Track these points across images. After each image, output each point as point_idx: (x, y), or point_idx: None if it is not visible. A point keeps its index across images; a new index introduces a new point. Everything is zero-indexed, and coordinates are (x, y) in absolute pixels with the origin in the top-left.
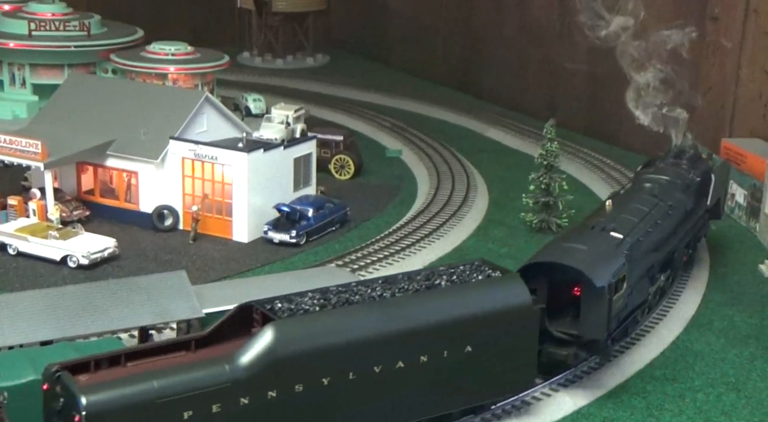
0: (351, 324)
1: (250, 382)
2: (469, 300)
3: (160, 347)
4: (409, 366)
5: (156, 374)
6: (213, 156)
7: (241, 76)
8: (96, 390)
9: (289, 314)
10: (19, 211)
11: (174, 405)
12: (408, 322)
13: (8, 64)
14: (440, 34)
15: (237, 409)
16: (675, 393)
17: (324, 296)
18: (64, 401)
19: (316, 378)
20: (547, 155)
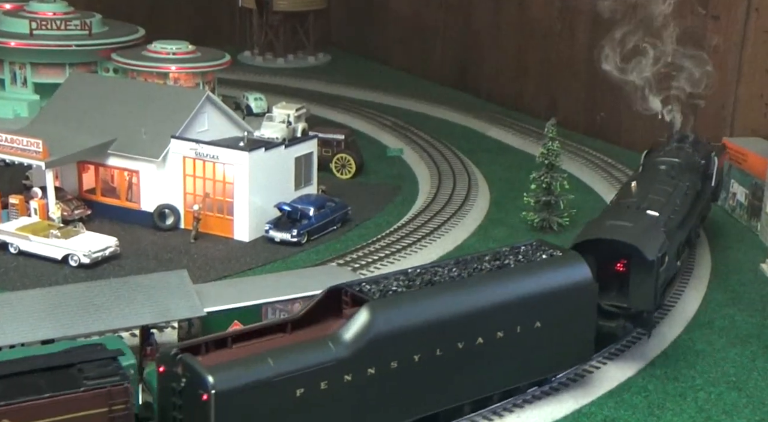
0: (438, 303)
1: (352, 360)
2: (538, 278)
3: (259, 329)
4: (488, 342)
5: (272, 354)
6: (214, 155)
7: (242, 75)
8: (221, 369)
9: (380, 295)
10: (20, 210)
11: (288, 383)
12: (487, 300)
13: (9, 64)
14: (440, 33)
15: (341, 386)
16: (676, 392)
17: (407, 278)
18: (188, 381)
19: (409, 355)
20: (548, 154)
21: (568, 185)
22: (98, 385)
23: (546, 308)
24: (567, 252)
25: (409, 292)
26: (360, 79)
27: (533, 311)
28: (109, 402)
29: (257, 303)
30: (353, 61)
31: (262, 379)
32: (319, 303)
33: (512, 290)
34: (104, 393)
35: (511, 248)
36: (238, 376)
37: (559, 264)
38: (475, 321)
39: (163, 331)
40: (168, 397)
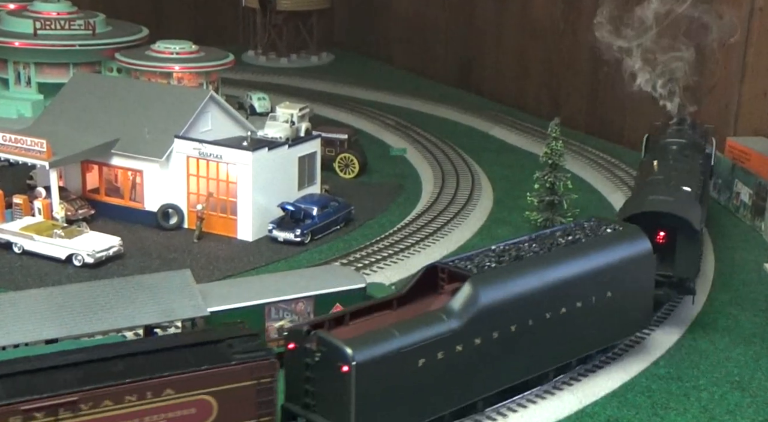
0: (529, 276)
1: (462, 331)
2: (608, 250)
3: (369, 307)
4: (569, 312)
5: (396, 327)
6: (218, 155)
7: (245, 75)
8: (357, 342)
9: (477, 270)
10: (24, 210)
11: (413, 354)
12: (568, 272)
13: (13, 63)
14: (443, 32)
15: (454, 356)
16: (680, 391)
17: (496, 254)
18: (323, 355)
19: (507, 325)
20: (551, 153)
21: (572, 184)
22: (247, 359)
23: (615, 279)
24: (627, 226)
25: (504, 267)
26: (363, 79)
27: (605, 282)
28: (256, 376)
29: (260, 303)
30: (356, 60)
31: (391, 351)
32: (419, 281)
33: (588, 263)
34: (252, 366)
35: (576, 225)
36: (373, 348)
37: (623, 237)
38: (559, 292)
39: (167, 331)
40: (299, 372)
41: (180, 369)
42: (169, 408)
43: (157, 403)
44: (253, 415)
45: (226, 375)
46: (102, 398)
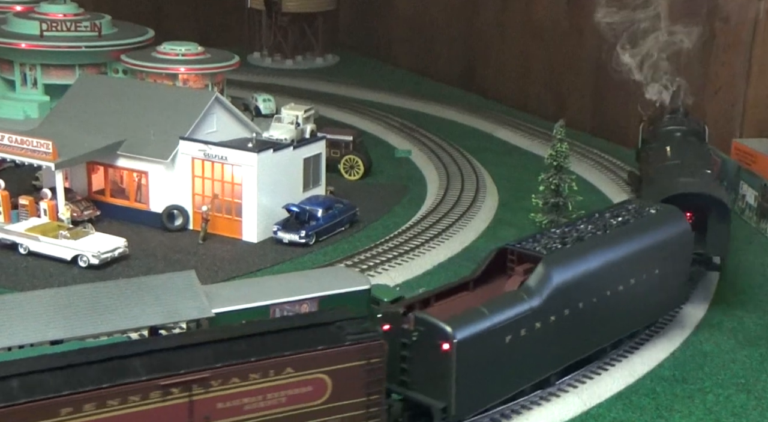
0: (592, 256)
1: (540, 309)
2: (654, 230)
3: (448, 289)
4: (625, 289)
5: (486, 307)
6: (223, 156)
7: (251, 77)
8: (455, 321)
9: (546, 251)
10: (30, 211)
11: (501, 332)
12: (625, 251)
13: (20, 65)
14: (447, 34)
15: (534, 333)
16: (684, 394)
17: (559, 236)
18: (421, 334)
19: (576, 302)
20: (556, 155)
21: (577, 186)
22: (359, 340)
23: (661, 256)
24: (667, 207)
25: (570, 248)
26: (368, 80)
27: (653, 260)
28: (367, 356)
29: (265, 304)
30: (361, 62)
31: (485, 329)
32: (491, 263)
33: (639, 242)
34: (364, 347)
35: (620, 207)
36: (469, 327)
37: (666, 217)
38: (617, 270)
39: (172, 332)
40: (394, 351)
41: (299, 349)
42: (288, 386)
43: (278, 381)
44: (362, 394)
45: (340, 355)
46: (230, 375)
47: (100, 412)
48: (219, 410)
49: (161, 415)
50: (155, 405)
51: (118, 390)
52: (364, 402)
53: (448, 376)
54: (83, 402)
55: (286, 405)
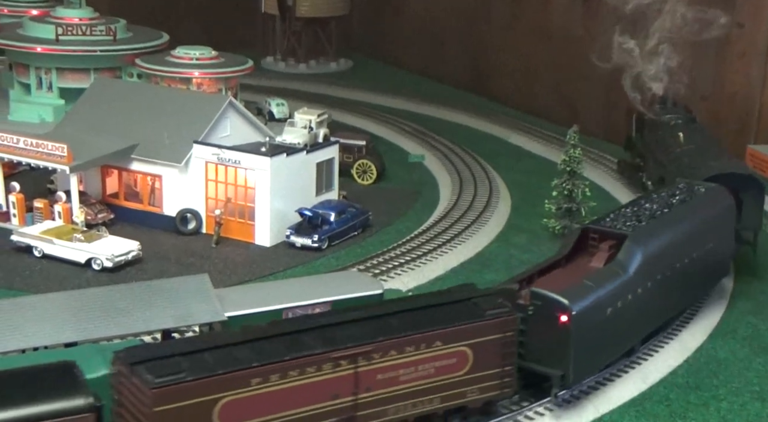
0: (668, 232)
1: (631, 282)
2: (707, 207)
3: (545, 267)
4: (689, 262)
5: (590, 281)
6: (236, 160)
7: (264, 81)
8: (570, 295)
9: (626, 229)
10: (44, 213)
11: (604, 304)
12: (690, 226)
13: (35, 69)
14: (460, 38)
15: (626, 304)
16: (698, 401)
17: (633, 215)
18: (537, 308)
19: (656, 275)
20: (570, 161)
21: (590, 192)
22: (497, 315)
23: (713, 232)
24: (713, 185)
25: (647, 225)
26: (381, 85)
27: (708, 234)
28: (503, 329)
29: (278, 308)
30: (375, 67)
31: (593, 301)
32: (576, 242)
33: (699, 218)
34: (501, 321)
35: (673, 186)
36: (582, 300)
37: (714, 195)
38: (685, 244)
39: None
40: None
41: (447, 324)
42: (436, 358)
43: (428, 354)
44: (498, 365)
45: (480, 329)
46: (389, 348)
47: (283, 382)
48: (378, 381)
49: (331, 385)
50: (327, 376)
51: (298, 362)
52: (498, 373)
53: (566, 346)
54: (270, 373)
55: (434, 376)
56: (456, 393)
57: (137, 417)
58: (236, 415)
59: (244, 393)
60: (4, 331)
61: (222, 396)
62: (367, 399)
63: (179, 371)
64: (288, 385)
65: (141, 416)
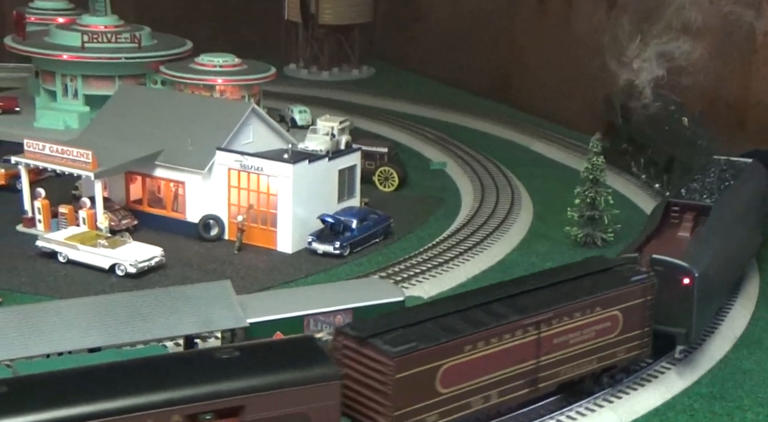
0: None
1: (724, 244)
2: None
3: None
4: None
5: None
6: (259, 167)
7: (287, 88)
8: (690, 259)
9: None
10: (69, 219)
11: (712, 264)
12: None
13: (61, 76)
14: (484, 47)
15: (724, 262)
16: (723, 411)
17: (705, 188)
18: (659, 273)
19: (735, 236)
20: (593, 168)
21: (613, 200)
22: (639, 281)
23: (760, 198)
24: (753, 161)
25: (721, 196)
26: (404, 93)
27: (758, 200)
28: (645, 294)
29: (300, 315)
30: (397, 74)
31: (707, 263)
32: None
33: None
34: (644, 287)
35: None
36: (699, 264)
37: (754, 168)
38: (749, 210)
39: (207, 341)
40: None
41: (605, 291)
42: (596, 322)
43: (591, 318)
44: (640, 326)
45: (629, 295)
46: (563, 315)
47: (486, 349)
48: (554, 345)
49: (519, 350)
50: (517, 342)
51: (499, 329)
52: (640, 334)
53: (689, 306)
54: (478, 340)
55: (594, 339)
56: (609, 354)
57: (372, 386)
58: (452, 380)
59: (459, 360)
60: (30, 336)
61: (443, 363)
62: (546, 362)
63: (411, 341)
64: (489, 351)
65: (378, 384)
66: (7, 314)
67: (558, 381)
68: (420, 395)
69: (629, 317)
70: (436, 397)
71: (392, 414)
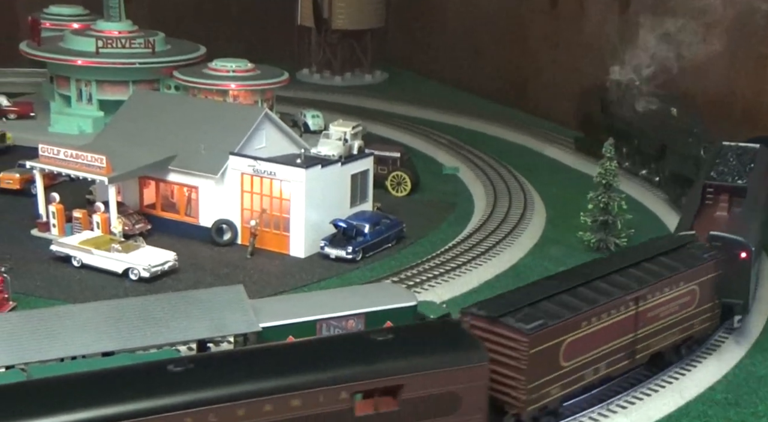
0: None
1: (761, 218)
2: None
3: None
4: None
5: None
6: (271, 172)
7: (300, 93)
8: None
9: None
10: (83, 224)
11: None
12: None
13: (76, 81)
14: (496, 51)
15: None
16: (737, 418)
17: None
18: (719, 248)
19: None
20: (605, 173)
21: (626, 205)
22: (711, 257)
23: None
24: (760, 146)
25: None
26: (416, 97)
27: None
28: (716, 269)
29: (312, 319)
30: (410, 79)
31: (756, 240)
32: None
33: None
34: (714, 263)
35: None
36: (752, 239)
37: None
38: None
39: (220, 345)
40: None
41: (687, 267)
42: (680, 297)
43: (676, 293)
44: (711, 300)
45: (704, 270)
46: (656, 290)
47: (598, 324)
48: (648, 318)
49: (623, 325)
50: (621, 317)
51: (608, 305)
52: (711, 307)
53: (746, 278)
54: (592, 316)
55: (677, 312)
56: (688, 326)
57: (505, 363)
58: (571, 354)
59: (578, 335)
60: (44, 339)
61: (566, 338)
62: (642, 335)
63: (540, 318)
64: (600, 326)
65: (512, 360)
66: (21, 318)
67: (650, 352)
68: (547, 369)
69: (704, 291)
70: (559, 370)
71: (527, 387)
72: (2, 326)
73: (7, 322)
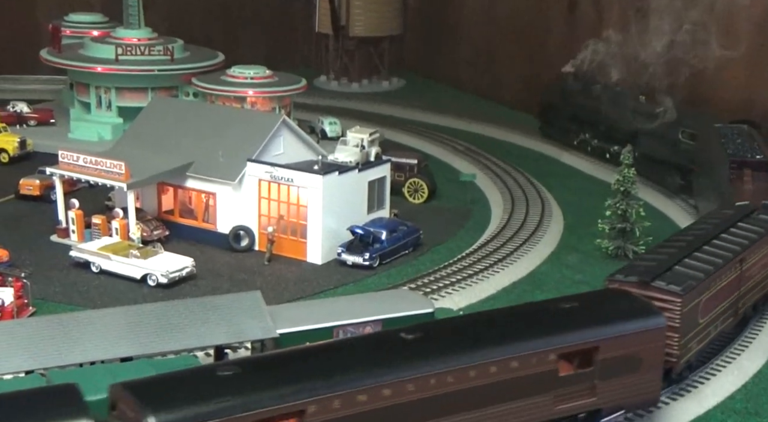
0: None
1: None
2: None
3: None
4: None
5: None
6: (289, 178)
7: (317, 100)
8: None
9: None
10: (102, 230)
11: None
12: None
13: (95, 88)
14: (512, 58)
15: None
16: None
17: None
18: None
19: None
20: (624, 180)
21: (644, 212)
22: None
23: None
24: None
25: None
26: (433, 104)
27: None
28: None
29: (329, 326)
30: (427, 86)
31: None
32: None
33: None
34: None
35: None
36: None
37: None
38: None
39: (237, 351)
40: None
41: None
42: (764, 257)
43: (761, 254)
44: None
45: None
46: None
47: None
48: (746, 277)
49: (733, 283)
50: (732, 276)
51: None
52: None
53: None
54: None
55: (761, 271)
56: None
57: None
58: (705, 312)
59: (711, 293)
60: (64, 345)
61: (703, 297)
62: (743, 292)
63: (686, 280)
64: (722, 285)
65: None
66: (40, 323)
67: (746, 307)
68: (691, 326)
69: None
70: (698, 327)
71: (680, 343)
72: (22, 331)
73: (26, 327)
